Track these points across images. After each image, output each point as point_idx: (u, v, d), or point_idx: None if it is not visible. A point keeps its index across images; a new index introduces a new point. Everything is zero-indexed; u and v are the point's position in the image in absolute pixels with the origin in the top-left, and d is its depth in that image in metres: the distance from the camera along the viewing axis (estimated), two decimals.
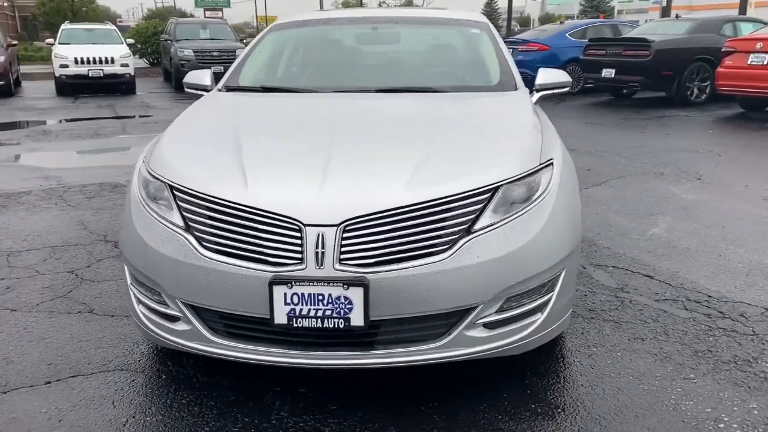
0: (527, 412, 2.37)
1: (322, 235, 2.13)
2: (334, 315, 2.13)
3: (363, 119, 2.95)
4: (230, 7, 50.55)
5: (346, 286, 2.10)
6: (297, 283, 2.11)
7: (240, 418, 2.34)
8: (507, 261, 2.23)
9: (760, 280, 3.58)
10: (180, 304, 2.31)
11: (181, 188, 2.36)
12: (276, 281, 2.11)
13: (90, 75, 15.26)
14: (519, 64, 14.13)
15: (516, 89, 3.32)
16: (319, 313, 2.13)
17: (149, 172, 2.53)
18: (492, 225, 2.24)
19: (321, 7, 46.35)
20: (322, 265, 2.12)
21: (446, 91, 3.27)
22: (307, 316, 2.14)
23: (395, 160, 2.41)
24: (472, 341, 2.28)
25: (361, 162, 2.41)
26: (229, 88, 3.52)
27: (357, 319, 2.13)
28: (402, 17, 4.14)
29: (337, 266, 2.12)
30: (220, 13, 52.00)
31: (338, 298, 2.12)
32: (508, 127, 2.76)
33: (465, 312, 2.24)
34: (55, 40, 16.86)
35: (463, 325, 2.25)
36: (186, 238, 2.27)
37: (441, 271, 2.15)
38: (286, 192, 2.24)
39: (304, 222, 2.14)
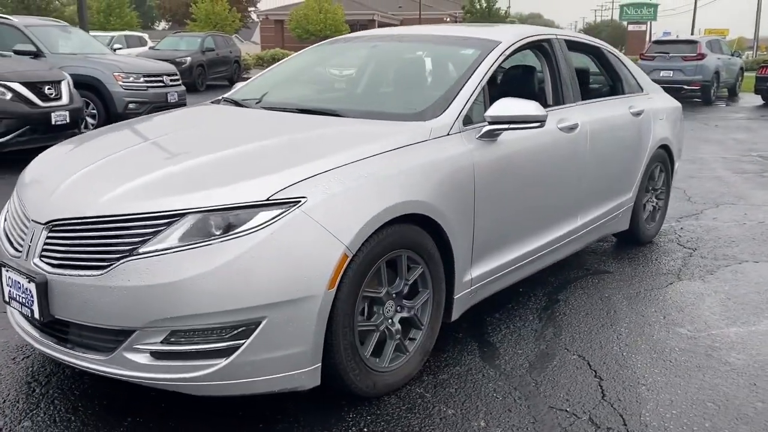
0: None
1: (34, 230, 2.41)
2: (26, 304, 2.40)
3: (204, 134, 3.07)
4: (656, 19, 48.67)
5: (28, 279, 2.34)
6: (8, 269, 2.44)
7: (28, 378, 2.78)
8: (161, 291, 2.17)
9: None
10: None
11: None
12: (1, 263, 2.48)
13: None
14: None
15: (431, 119, 2.86)
16: (20, 299, 2.43)
17: None
18: (160, 251, 2.19)
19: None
20: (27, 257, 2.40)
21: (347, 116, 3.05)
22: (15, 300, 2.46)
23: (137, 171, 2.50)
24: (134, 365, 2.27)
25: (112, 170, 2.59)
26: (225, 100, 3.86)
27: (36, 312, 2.36)
28: (413, 35, 3.87)
29: (36, 260, 2.38)
30: (644, 26, 50.46)
31: (26, 289, 2.38)
32: (291, 157, 2.53)
33: (128, 333, 2.24)
34: None
35: (123, 345, 2.26)
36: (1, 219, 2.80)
37: (94, 287, 2.24)
38: (38, 188, 2.59)
39: (29, 216, 2.45)
